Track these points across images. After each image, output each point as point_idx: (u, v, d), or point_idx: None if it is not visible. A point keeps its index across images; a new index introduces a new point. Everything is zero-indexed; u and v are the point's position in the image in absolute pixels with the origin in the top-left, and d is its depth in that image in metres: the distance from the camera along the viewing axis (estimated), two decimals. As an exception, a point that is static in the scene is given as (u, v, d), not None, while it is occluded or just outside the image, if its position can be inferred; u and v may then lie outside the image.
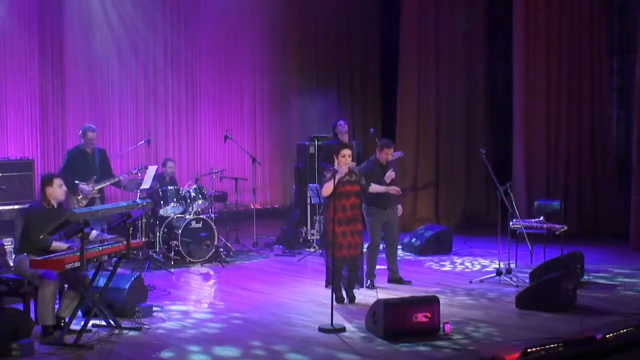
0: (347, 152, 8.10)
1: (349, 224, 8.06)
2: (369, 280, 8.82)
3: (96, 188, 9.69)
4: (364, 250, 8.50)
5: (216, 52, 14.36)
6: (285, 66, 15.06)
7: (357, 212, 8.20)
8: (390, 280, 9.03)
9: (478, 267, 10.18)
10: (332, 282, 7.86)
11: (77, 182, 9.59)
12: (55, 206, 7.26)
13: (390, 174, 8.75)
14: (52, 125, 12.44)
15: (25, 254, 7.06)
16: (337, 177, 7.91)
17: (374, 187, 8.55)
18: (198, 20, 14.02)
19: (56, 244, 7.07)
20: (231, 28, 14.51)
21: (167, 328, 7.25)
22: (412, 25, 13.62)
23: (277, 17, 14.96)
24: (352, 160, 8.21)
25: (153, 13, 13.47)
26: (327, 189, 7.94)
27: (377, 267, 9.05)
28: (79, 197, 9.62)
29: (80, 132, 10.02)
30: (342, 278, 8.19)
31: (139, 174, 10.33)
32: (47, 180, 7.30)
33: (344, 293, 8.21)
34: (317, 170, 11.31)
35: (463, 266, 10.29)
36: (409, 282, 9.00)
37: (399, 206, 9.10)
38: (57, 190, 7.26)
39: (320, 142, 11.53)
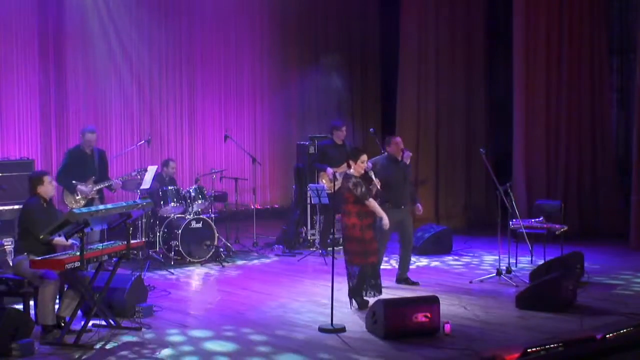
0: (365, 157, 7.98)
1: (373, 228, 7.96)
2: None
3: (95, 189, 9.68)
4: None
5: (216, 52, 14.36)
6: (285, 66, 15.06)
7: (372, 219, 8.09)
8: (398, 281, 9.01)
9: (477, 265, 10.19)
10: (358, 287, 7.79)
11: (74, 182, 9.58)
12: (48, 202, 7.30)
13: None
14: (53, 125, 12.44)
15: (25, 254, 7.06)
16: (373, 192, 7.93)
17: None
18: (198, 20, 14.02)
19: (57, 239, 7.06)
20: (231, 28, 14.51)
21: (166, 328, 7.25)
22: (412, 25, 13.61)
23: (277, 18, 14.96)
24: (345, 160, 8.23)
25: (153, 12, 13.47)
26: (373, 202, 7.83)
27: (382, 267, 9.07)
28: (77, 197, 9.61)
29: (80, 133, 10.02)
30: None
31: (139, 176, 10.32)
32: (37, 179, 7.30)
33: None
34: (311, 171, 11.31)
35: (463, 266, 10.29)
36: (416, 283, 8.96)
37: (419, 205, 9.03)
38: (49, 187, 7.29)
39: (319, 142, 11.52)
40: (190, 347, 6.70)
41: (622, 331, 6.87)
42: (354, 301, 7.95)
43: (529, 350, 6.21)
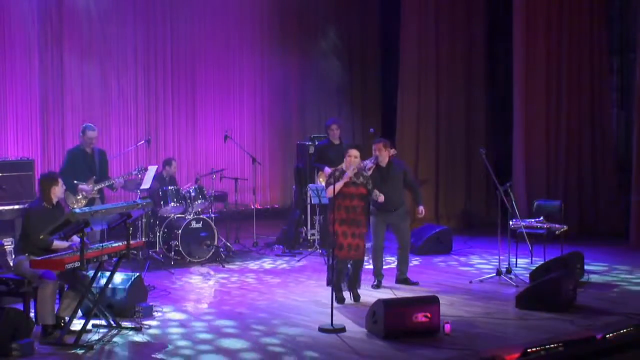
0: (354, 152, 8.14)
1: (350, 225, 8.06)
2: (376, 280, 8.85)
3: (95, 188, 9.68)
4: (367, 251, 8.51)
5: (216, 52, 14.35)
6: (285, 66, 15.04)
7: (360, 215, 8.16)
8: (397, 281, 9.03)
9: (478, 266, 10.19)
10: (333, 282, 7.87)
11: (76, 182, 9.58)
12: (54, 205, 7.28)
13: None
14: (52, 125, 12.43)
15: (25, 254, 7.06)
16: (345, 177, 8.00)
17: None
18: (198, 20, 14.01)
19: (57, 243, 7.07)
20: (231, 28, 14.51)
21: (166, 328, 7.26)
22: (413, 25, 13.61)
23: (277, 18, 14.96)
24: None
25: (153, 12, 13.47)
26: (330, 190, 7.98)
27: (385, 266, 9.09)
28: (79, 197, 9.61)
29: (80, 131, 10.02)
30: (343, 278, 8.19)
31: (139, 175, 10.30)
32: (51, 180, 7.29)
33: (344, 293, 8.22)
34: (311, 171, 11.32)
35: (463, 266, 10.28)
36: (415, 283, 8.98)
37: (421, 207, 9.01)
38: (60, 189, 7.32)
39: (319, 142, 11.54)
40: (190, 346, 6.70)
41: (622, 331, 6.87)
42: (350, 293, 8.22)
43: (529, 350, 6.21)
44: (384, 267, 9.10)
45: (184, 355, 6.47)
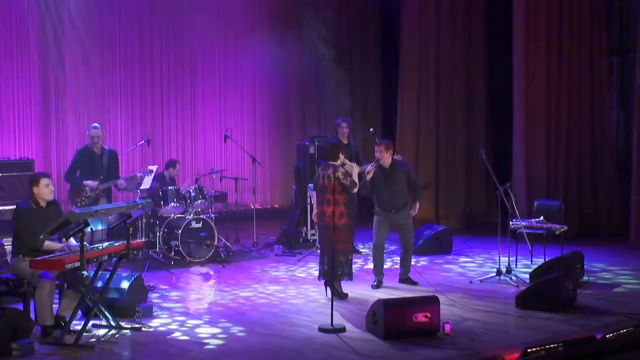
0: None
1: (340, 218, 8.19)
2: (376, 280, 8.89)
3: (100, 188, 9.68)
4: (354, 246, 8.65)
5: (216, 52, 14.36)
6: (285, 66, 15.04)
7: (343, 208, 8.21)
8: (401, 280, 9.08)
9: (478, 265, 10.19)
10: (332, 277, 7.86)
11: (84, 180, 9.63)
12: (44, 206, 7.18)
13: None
14: (53, 125, 12.44)
15: (20, 255, 7.03)
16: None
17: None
18: (198, 20, 14.00)
19: (48, 244, 7.02)
20: (231, 28, 14.51)
21: (166, 328, 7.26)
22: (413, 25, 13.63)
23: (277, 18, 14.95)
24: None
25: (153, 12, 13.47)
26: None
27: (385, 266, 9.11)
28: (83, 197, 9.60)
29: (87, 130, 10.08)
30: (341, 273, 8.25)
31: (142, 177, 10.30)
32: (33, 180, 7.23)
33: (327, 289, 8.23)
34: (311, 171, 11.33)
35: (463, 266, 10.28)
36: (415, 283, 9.02)
37: (417, 203, 9.05)
38: (44, 190, 7.14)
39: (319, 142, 11.54)
40: (190, 347, 6.70)
41: (622, 331, 6.88)
42: (328, 289, 8.16)
43: (529, 350, 6.22)
44: (384, 266, 9.11)
45: (183, 355, 6.47)
